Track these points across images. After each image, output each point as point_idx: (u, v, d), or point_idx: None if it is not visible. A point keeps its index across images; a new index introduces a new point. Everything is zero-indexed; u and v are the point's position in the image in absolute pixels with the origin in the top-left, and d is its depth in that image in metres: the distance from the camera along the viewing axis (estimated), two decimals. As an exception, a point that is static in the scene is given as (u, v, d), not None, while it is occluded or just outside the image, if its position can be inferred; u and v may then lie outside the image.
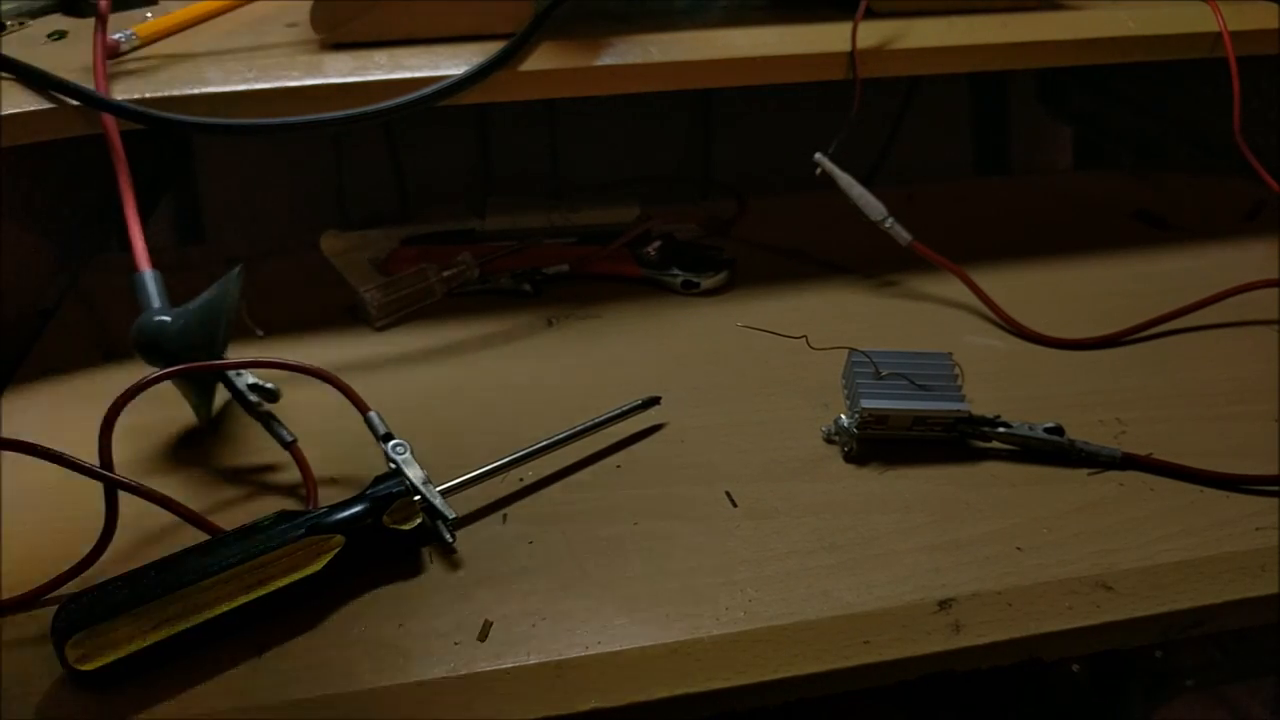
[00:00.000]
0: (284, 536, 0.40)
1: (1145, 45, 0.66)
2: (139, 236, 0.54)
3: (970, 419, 0.51)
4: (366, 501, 0.42)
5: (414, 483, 0.43)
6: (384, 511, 0.42)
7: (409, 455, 0.45)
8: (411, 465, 0.44)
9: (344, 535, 0.40)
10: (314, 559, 0.40)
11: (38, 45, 0.62)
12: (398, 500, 0.42)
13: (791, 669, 0.40)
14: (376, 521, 0.42)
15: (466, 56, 0.58)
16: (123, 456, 0.51)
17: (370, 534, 0.41)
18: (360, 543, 0.41)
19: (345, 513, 0.41)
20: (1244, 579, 0.44)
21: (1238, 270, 0.66)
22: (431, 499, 0.43)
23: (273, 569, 0.39)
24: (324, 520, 0.41)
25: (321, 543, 0.40)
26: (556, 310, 0.66)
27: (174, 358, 0.50)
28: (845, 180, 0.65)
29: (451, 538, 0.43)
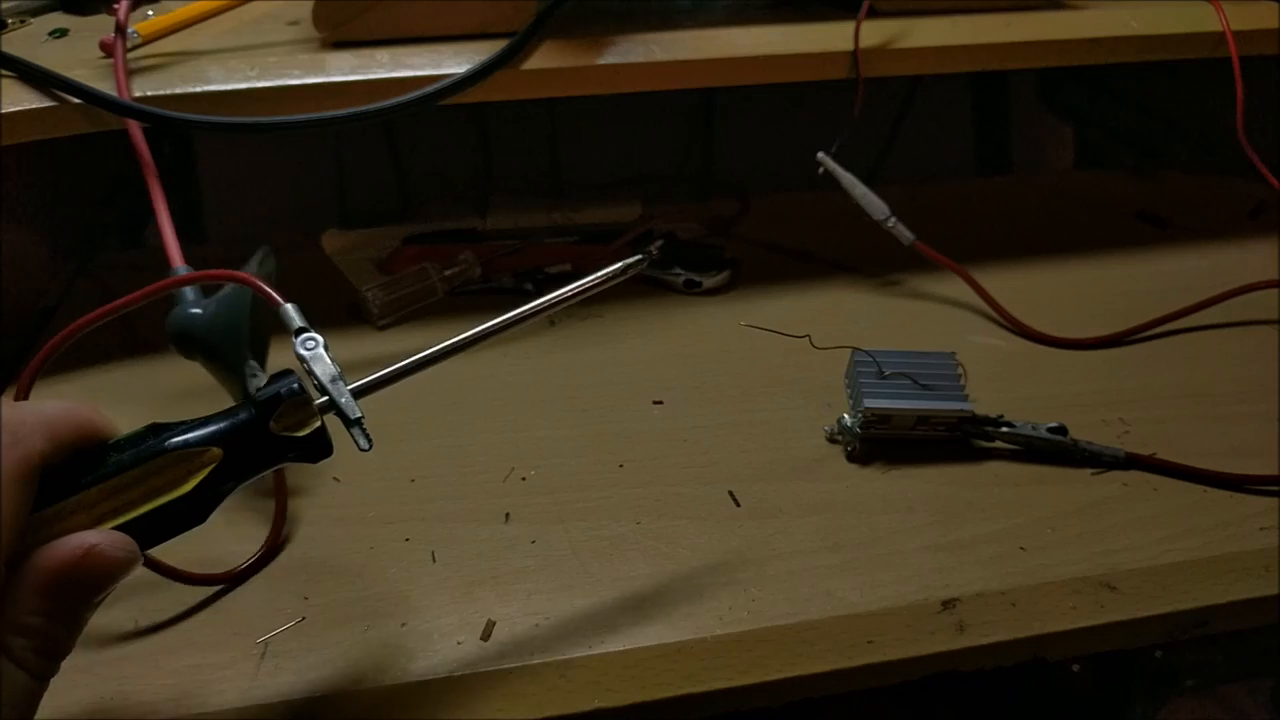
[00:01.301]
0: (146, 452, 0.32)
1: (1148, 45, 0.66)
2: (171, 235, 0.54)
3: (973, 419, 0.51)
4: (249, 405, 0.34)
5: (320, 379, 0.36)
6: (270, 416, 0.34)
7: (320, 350, 0.37)
8: (321, 361, 0.36)
9: (221, 448, 0.33)
10: (184, 478, 0.33)
11: (39, 43, 0.62)
12: (286, 401, 0.34)
13: (795, 669, 0.40)
14: (261, 428, 0.34)
15: (468, 55, 0.58)
16: None
17: (255, 444, 0.34)
18: (243, 455, 0.34)
19: (223, 420, 0.34)
20: (1248, 579, 0.44)
21: (1239, 270, 0.66)
22: (337, 398, 0.36)
23: (132, 492, 0.32)
24: (196, 430, 0.33)
25: (192, 457, 0.33)
26: (558, 309, 0.66)
27: (207, 347, 0.50)
28: (848, 179, 0.65)
29: (366, 443, 0.36)
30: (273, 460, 0.35)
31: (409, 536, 0.46)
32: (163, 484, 0.32)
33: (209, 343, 0.50)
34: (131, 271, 0.71)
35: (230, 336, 0.49)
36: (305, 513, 0.48)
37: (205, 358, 0.51)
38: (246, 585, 0.44)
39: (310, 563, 0.45)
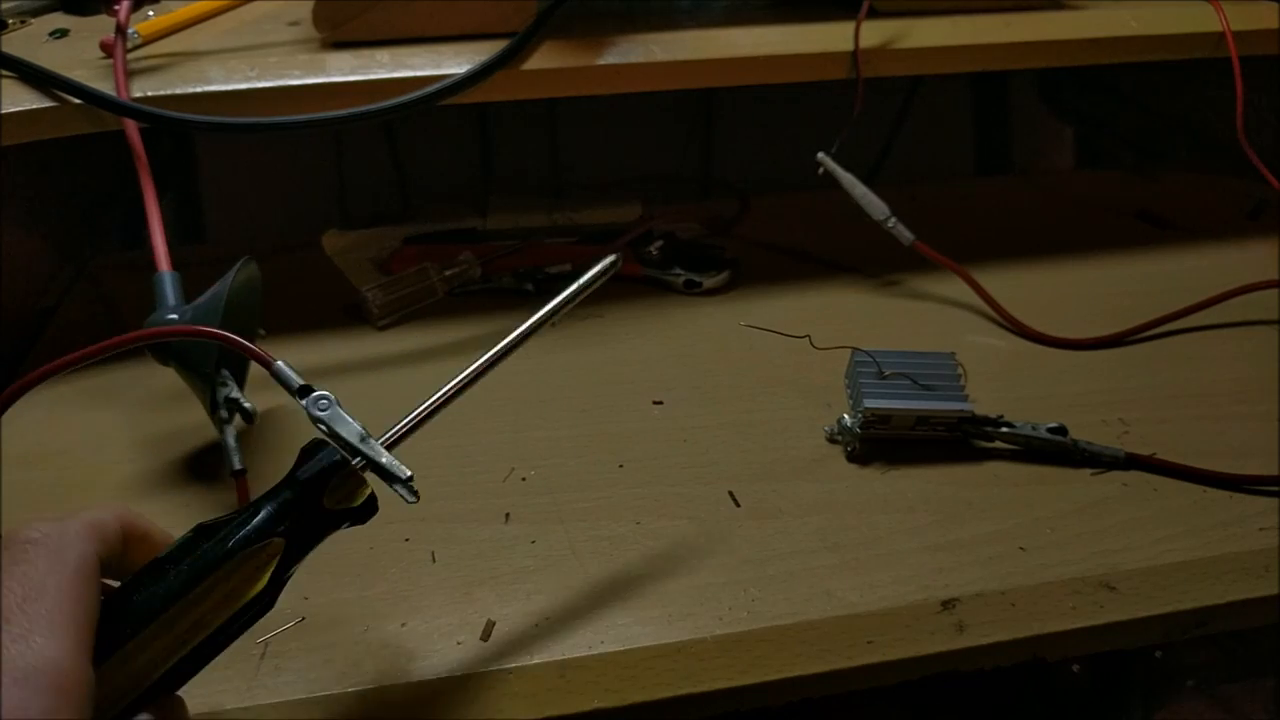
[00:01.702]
0: (211, 559, 0.31)
1: (1148, 45, 0.66)
2: (160, 238, 0.54)
3: (973, 419, 0.51)
4: (297, 487, 0.33)
5: (350, 442, 0.34)
6: (322, 493, 0.33)
7: (335, 408, 0.35)
8: (342, 421, 0.35)
9: (282, 537, 0.32)
10: (255, 575, 0.32)
11: (39, 43, 0.62)
12: (335, 475, 0.33)
13: (795, 669, 0.40)
14: (316, 507, 0.33)
15: (469, 55, 0.58)
16: (136, 469, 0.51)
17: (312, 524, 0.33)
18: (302, 537, 0.33)
19: (277, 506, 0.33)
20: (1247, 579, 0.44)
21: (1239, 270, 0.66)
22: (376, 458, 0.34)
23: (207, 603, 0.31)
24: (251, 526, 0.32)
25: (257, 554, 0.32)
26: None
27: (181, 355, 0.50)
28: (848, 180, 0.65)
29: (413, 496, 0.35)
30: (328, 532, 0.34)
31: (409, 536, 0.46)
32: (235, 587, 0.32)
33: (182, 350, 0.50)
34: (131, 271, 0.72)
35: (201, 345, 0.48)
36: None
37: (179, 365, 0.50)
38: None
39: (310, 563, 0.45)
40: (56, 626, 0.27)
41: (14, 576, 0.28)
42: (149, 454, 0.52)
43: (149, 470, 0.51)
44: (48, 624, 0.27)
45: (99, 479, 0.51)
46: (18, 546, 0.29)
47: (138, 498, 0.49)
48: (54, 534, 0.30)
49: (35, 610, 0.27)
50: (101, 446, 0.53)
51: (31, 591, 0.28)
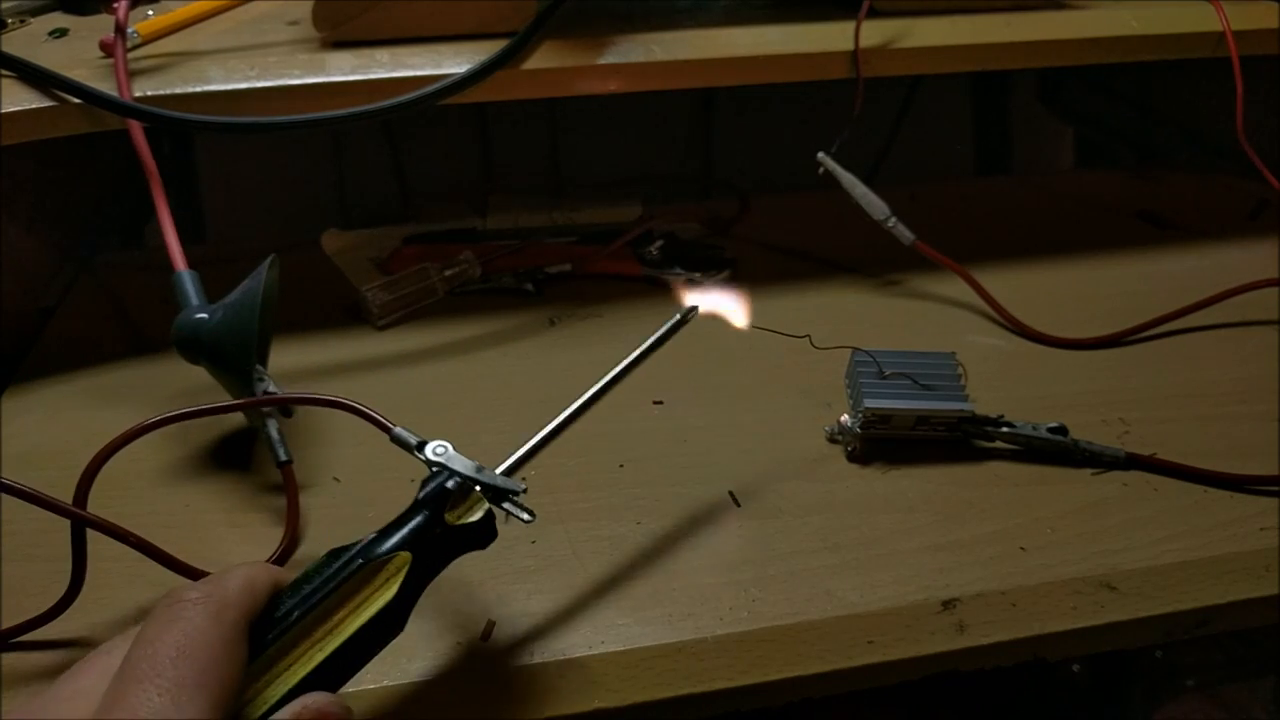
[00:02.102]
0: (343, 571, 0.34)
1: (1148, 45, 0.66)
2: (174, 238, 0.54)
3: (974, 419, 0.51)
4: (419, 505, 0.37)
5: (467, 474, 0.38)
6: (443, 510, 0.37)
7: (450, 451, 0.39)
8: (458, 459, 0.39)
9: (409, 550, 0.35)
10: (385, 585, 0.35)
11: (39, 43, 0.62)
12: (455, 493, 0.37)
13: (795, 669, 0.40)
14: (439, 523, 0.37)
15: (468, 55, 0.58)
16: (164, 459, 0.52)
17: (436, 538, 0.37)
18: (429, 552, 0.36)
19: (403, 526, 0.36)
20: (1248, 579, 0.44)
21: (1240, 270, 0.65)
22: (492, 481, 0.38)
23: (341, 612, 0.34)
24: (381, 542, 0.36)
25: (386, 565, 0.35)
26: (558, 309, 0.66)
27: (213, 353, 0.50)
28: (848, 179, 0.65)
29: (530, 514, 0.39)
30: (453, 551, 0.37)
31: (409, 536, 0.46)
32: (366, 597, 0.34)
33: (216, 349, 0.50)
34: (131, 271, 0.71)
35: (239, 342, 0.49)
36: (306, 513, 0.48)
37: (211, 363, 0.51)
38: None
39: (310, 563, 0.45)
40: (202, 689, 0.29)
41: (171, 632, 0.30)
42: (151, 453, 0.52)
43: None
44: (195, 683, 0.28)
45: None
46: (179, 605, 0.31)
47: (138, 497, 0.49)
48: (215, 594, 0.31)
49: (186, 669, 0.29)
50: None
51: (186, 649, 0.29)
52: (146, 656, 0.29)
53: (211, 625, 0.30)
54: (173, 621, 0.30)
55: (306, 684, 0.32)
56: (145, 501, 0.49)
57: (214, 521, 0.48)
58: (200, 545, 0.46)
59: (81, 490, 0.41)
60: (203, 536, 0.47)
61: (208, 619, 0.30)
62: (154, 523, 0.47)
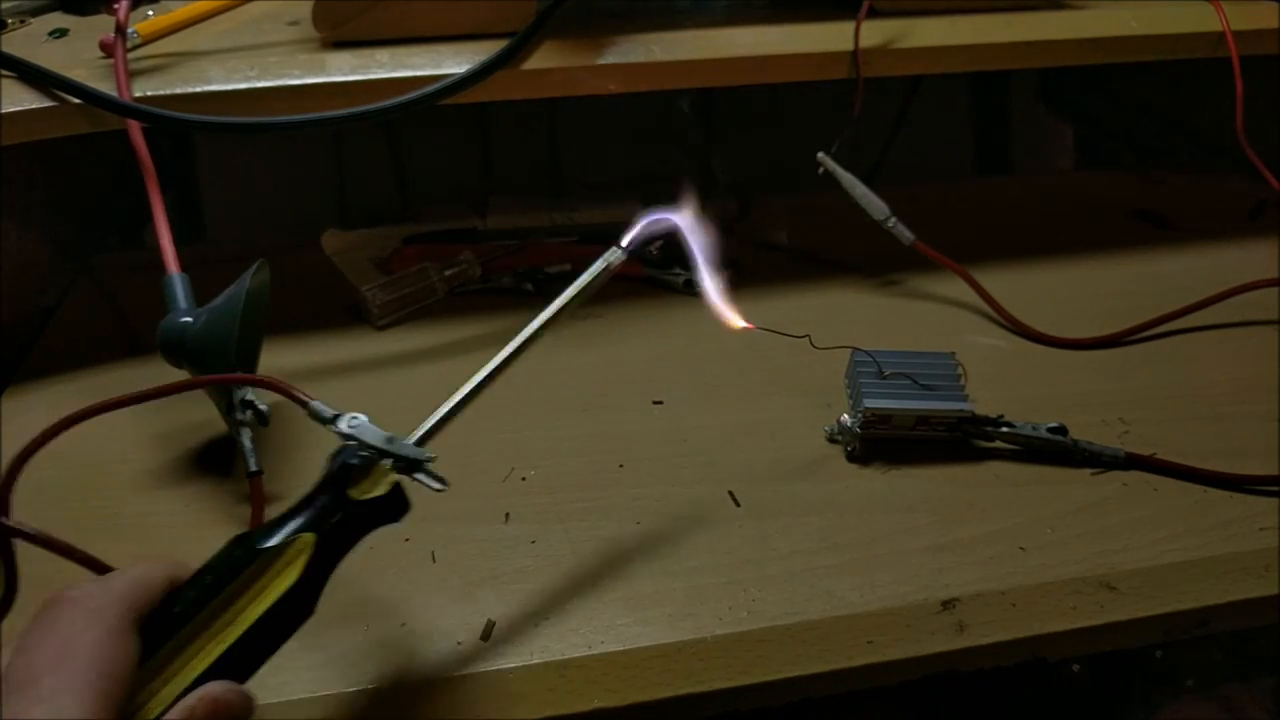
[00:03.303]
0: (241, 560, 0.33)
1: (1148, 45, 0.66)
2: (168, 240, 0.54)
3: (973, 419, 0.51)
4: (325, 485, 0.36)
5: (376, 445, 0.36)
6: (346, 486, 0.35)
7: (364, 423, 0.37)
8: (370, 430, 0.37)
9: (311, 531, 0.34)
10: (286, 570, 0.34)
11: (39, 43, 0.62)
12: (356, 468, 0.36)
13: (795, 669, 0.40)
14: (342, 500, 0.35)
15: (468, 55, 0.58)
16: (149, 464, 0.52)
17: (342, 517, 0.35)
18: (335, 531, 0.35)
19: (305, 507, 0.35)
20: (1247, 579, 0.44)
21: (1239, 270, 0.66)
22: (400, 451, 0.37)
23: (241, 600, 0.33)
24: (282, 525, 0.34)
25: (286, 549, 0.34)
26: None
27: (196, 358, 0.50)
28: (848, 180, 0.65)
29: (441, 483, 0.37)
30: (361, 527, 0.36)
31: (409, 536, 0.46)
32: (267, 584, 0.33)
33: (198, 353, 0.50)
34: (131, 271, 0.71)
35: (219, 348, 0.48)
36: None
37: (192, 368, 0.50)
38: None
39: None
40: (86, 686, 0.28)
41: (49, 636, 0.29)
42: (150, 453, 0.52)
43: (150, 469, 0.51)
44: (78, 684, 0.28)
45: (98, 479, 0.51)
46: (56, 607, 0.30)
47: (138, 496, 0.49)
48: (93, 594, 0.31)
49: (66, 670, 0.28)
50: (101, 446, 0.53)
51: (64, 651, 0.29)
52: (24, 665, 0.29)
53: (90, 626, 0.29)
54: (50, 625, 0.30)
55: (206, 679, 0.31)
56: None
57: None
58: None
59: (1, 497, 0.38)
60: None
61: (85, 620, 0.30)
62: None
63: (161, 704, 0.31)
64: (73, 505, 0.48)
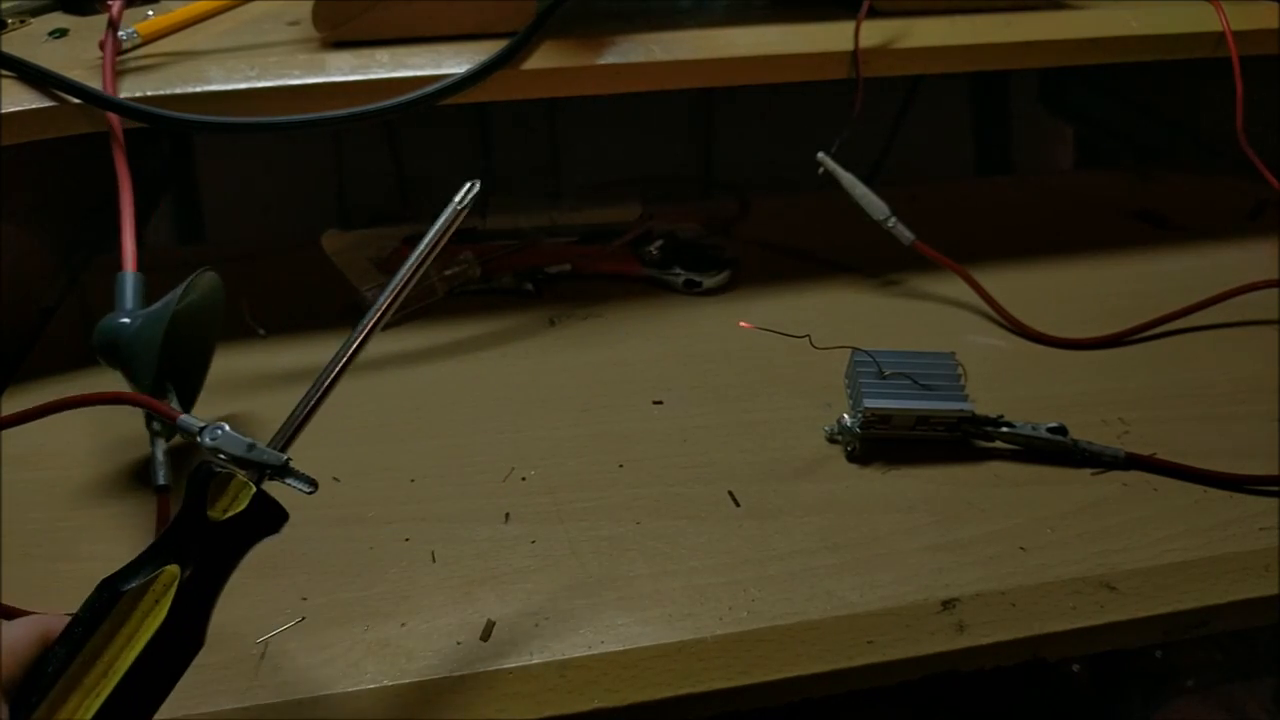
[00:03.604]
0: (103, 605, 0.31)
1: (1148, 45, 0.66)
2: (130, 238, 0.53)
3: (973, 419, 0.51)
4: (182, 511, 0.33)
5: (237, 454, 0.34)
6: (202, 507, 0.33)
7: (226, 432, 0.35)
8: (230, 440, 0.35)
9: (175, 563, 0.32)
10: (153, 609, 0.31)
11: (39, 43, 0.62)
12: (210, 484, 0.33)
13: (795, 669, 0.40)
14: (201, 523, 0.33)
15: (468, 55, 0.58)
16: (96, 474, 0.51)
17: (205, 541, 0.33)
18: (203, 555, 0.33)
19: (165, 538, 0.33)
20: (1247, 579, 0.44)
21: (1240, 270, 0.66)
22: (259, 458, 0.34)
23: (112, 649, 0.31)
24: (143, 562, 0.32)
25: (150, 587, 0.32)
26: (558, 309, 0.66)
27: (127, 360, 0.48)
28: (848, 179, 0.65)
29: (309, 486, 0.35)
30: (235, 548, 0.33)
31: (409, 536, 0.46)
32: (136, 626, 0.31)
33: (128, 357, 0.48)
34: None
35: (144, 354, 0.47)
36: (305, 513, 0.48)
37: (125, 371, 0.49)
38: (246, 585, 0.44)
39: (310, 563, 0.45)
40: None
41: None
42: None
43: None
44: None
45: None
46: None
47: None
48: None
49: None
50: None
51: None
52: None
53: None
54: None
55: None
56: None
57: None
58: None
59: None
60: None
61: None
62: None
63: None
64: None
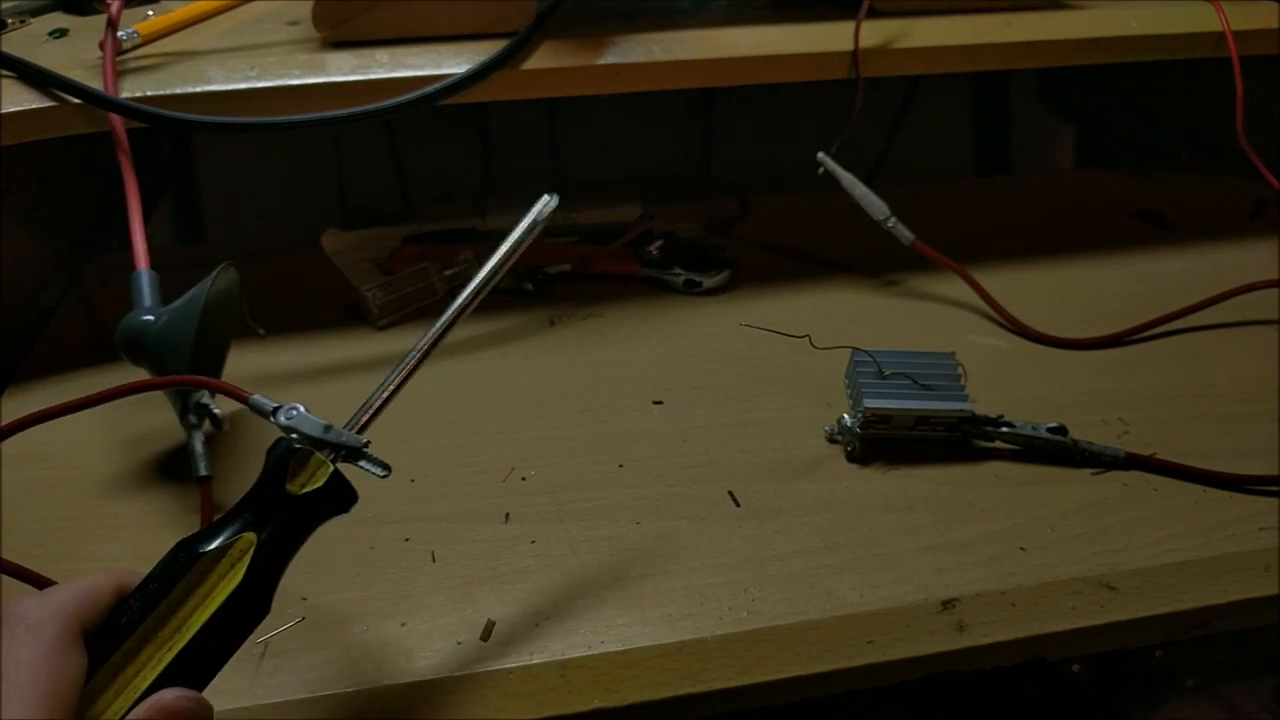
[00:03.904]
0: (181, 567, 0.33)
1: (1148, 45, 0.66)
2: (140, 236, 0.54)
3: (973, 419, 0.51)
4: (262, 482, 0.35)
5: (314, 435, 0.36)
6: (283, 481, 0.35)
7: (301, 413, 0.37)
8: (307, 420, 0.36)
9: (252, 531, 0.34)
10: (229, 573, 0.33)
11: (39, 43, 0.62)
12: (292, 460, 0.35)
13: (795, 669, 0.40)
14: (281, 496, 0.34)
15: (468, 55, 0.58)
16: (111, 469, 0.51)
17: (282, 513, 0.34)
18: (277, 527, 0.34)
19: (244, 507, 0.34)
20: (1247, 579, 0.44)
21: (1239, 270, 0.66)
22: (338, 439, 0.36)
23: (186, 608, 0.32)
24: (222, 528, 0.34)
25: (228, 551, 0.33)
26: (558, 309, 0.66)
27: (154, 357, 0.49)
28: (848, 179, 0.65)
29: (384, 468, 0.37)
30: (307, 522, 0.35)
31: (409, 536, 0.46)
32: (212, 586, 0.33)
33: (156, 353, 0.49)
34: (131, 272, 0.71)
35: (176, 349, 0.48)
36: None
37: (151, 368, 0.50)
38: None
39: (310, 562, 0.45)
40: (31, 697, 0.28)
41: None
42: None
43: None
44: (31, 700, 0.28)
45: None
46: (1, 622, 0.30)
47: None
48: (32, 608, 0.30)
49: (14, 685, 0.28)
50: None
51: (9, 665, 0.29)
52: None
53: (27, 643, 0.29)
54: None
55: (159, 687, 0.31)
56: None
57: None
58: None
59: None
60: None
61: (30, 632, 0.30)
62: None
63: (114, 715, 0.30)
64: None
